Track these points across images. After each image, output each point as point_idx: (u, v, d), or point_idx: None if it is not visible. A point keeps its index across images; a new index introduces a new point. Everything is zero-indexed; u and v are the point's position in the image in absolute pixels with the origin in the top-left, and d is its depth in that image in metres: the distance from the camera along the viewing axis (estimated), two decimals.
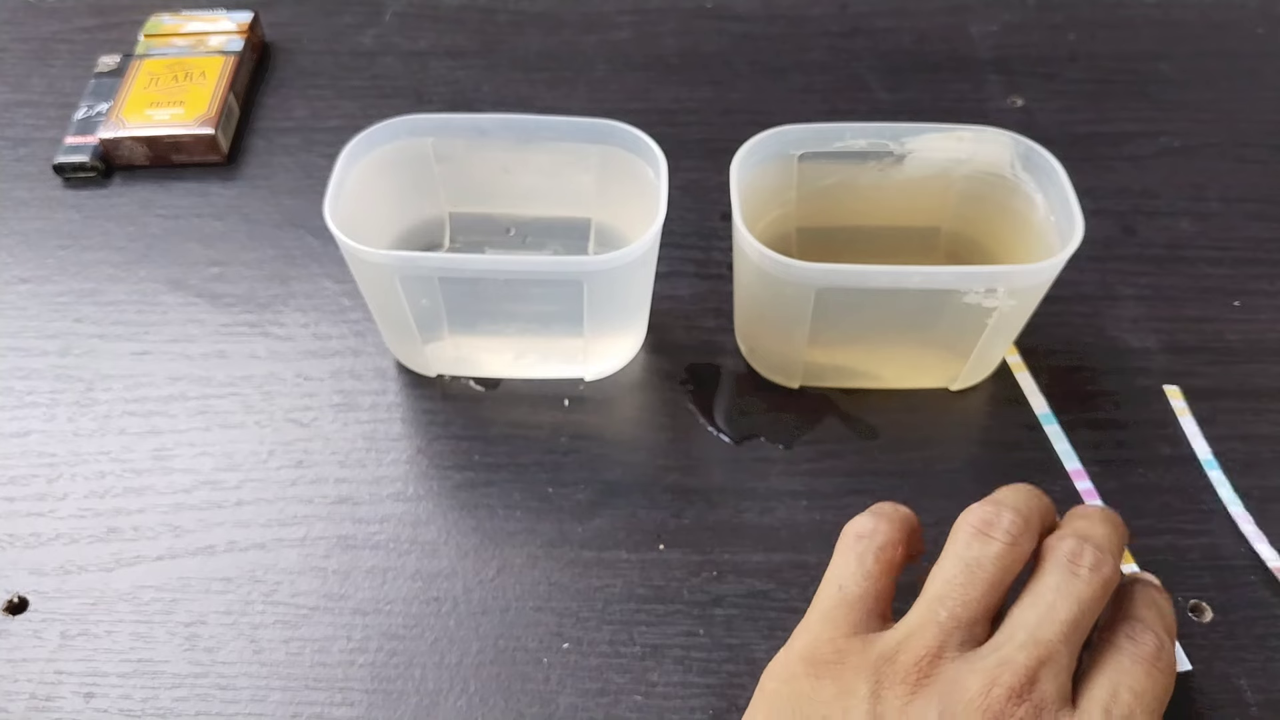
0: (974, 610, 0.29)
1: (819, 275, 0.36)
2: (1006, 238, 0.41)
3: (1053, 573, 0.30)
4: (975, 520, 0.31)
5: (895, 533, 0.32)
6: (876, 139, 0.40)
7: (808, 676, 0.29)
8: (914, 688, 0.28)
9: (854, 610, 0.30)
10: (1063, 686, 0.28)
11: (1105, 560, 0.30)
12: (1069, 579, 0.30)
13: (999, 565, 0.30)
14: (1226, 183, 0.49)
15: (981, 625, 0.29)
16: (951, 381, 0.41)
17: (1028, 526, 0.31)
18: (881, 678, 0.28)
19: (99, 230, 0.48)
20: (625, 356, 0.43)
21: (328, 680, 0.34)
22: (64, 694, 0.34)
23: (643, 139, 0.39)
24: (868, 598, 0.30)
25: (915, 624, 0.29)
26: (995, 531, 0.30)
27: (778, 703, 0.29)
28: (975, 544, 0.30)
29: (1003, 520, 0.31)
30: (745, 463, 0.40)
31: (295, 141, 0.51)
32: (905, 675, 0.28)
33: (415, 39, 0.57)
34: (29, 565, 0.37)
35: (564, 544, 0.38)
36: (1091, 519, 0.32)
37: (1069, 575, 0.30)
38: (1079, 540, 0.31)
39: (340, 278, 0.45)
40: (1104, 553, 0.30)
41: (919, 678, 0.28)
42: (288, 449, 0.40)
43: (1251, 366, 0.42)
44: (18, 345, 0.43)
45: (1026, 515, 0.31)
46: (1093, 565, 0.30)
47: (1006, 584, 0.30)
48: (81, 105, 0.51)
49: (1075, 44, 0.56)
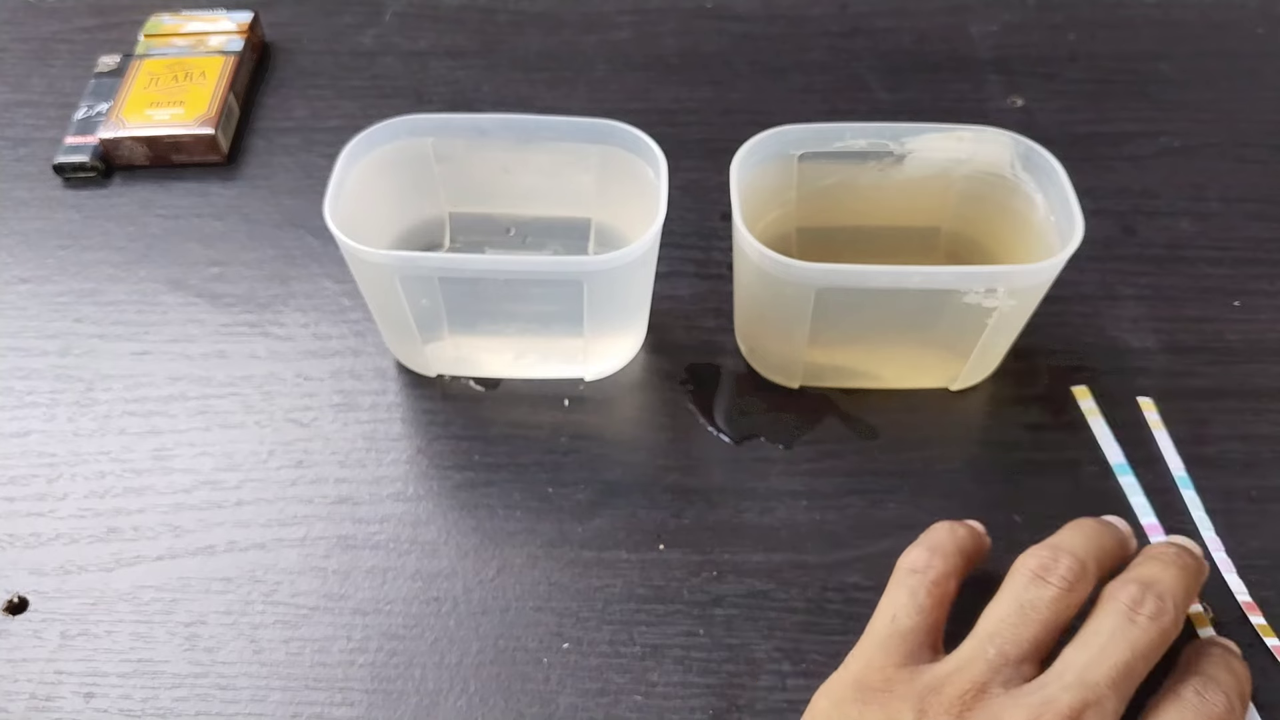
0: (1024, 649, 0.29)
1: (819, 275, 0.36)
2: (1006, 238, 0.41)
3: (1109, 617, 0.30)
4: (1033, 564, 0.31)
5: (948, 566, 0.32)
6: (876, 139, 0.40)
7: (856, 702, 0.29)
8: (957, 718, 0.28)
9: (906, 641, 0.31)
10: None
11: (1166, 610, 0.30)
12: (1125, 625, 0.30)
13: (1053, 609, 0.30)
14: (1226, 183, 0.49)
15: (1030, 664, 0.30)
16: (951, 381, 0.41)
17: (1084, 572, 0.31)
18: (926, 707, 0.28)
19: (99, 230, 0.48)
20: (625, 356, 0.43)
21: (328, 680, 0.34)
22: (64, 694, 0.34)
23: (643, 139, 0.39)
24: (919, 630, 0.31)
25: (964, 658, 0.30)
26: (1051, 576, 0.31)
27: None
28: (1032, 587, 0.31)
29: (1060, 566, 0.31)
30: (745, 463, 0.40)
31: (295, 141, 0.51)
32: (949, 707, 0.28)
33: (415, 39, 0.57)
34: (29, 565, 0.37)
35: (564, 544, 0.38)
36: (1163, 561, 0.32)
37: (1126, 621, 0.30)
38: (1141, 586, 0.30)
39: (340, 278, 0.45)
40: (1166, 600, 0.30)
41: (962, 710, 0.28)
42: (288, 449, 0.40)
43: (1251, 366, 0.42)
44: (18, 345, 0.43)
45: (1084, 560, 0.31)
46: (1153, 614, 0.30)
47: (1059, 627, 0.30)
48: (81, 105, 0.51)
49: (1075, 44, 0.56)
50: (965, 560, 0.33)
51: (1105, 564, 0.32)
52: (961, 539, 0.33)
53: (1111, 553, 0.33)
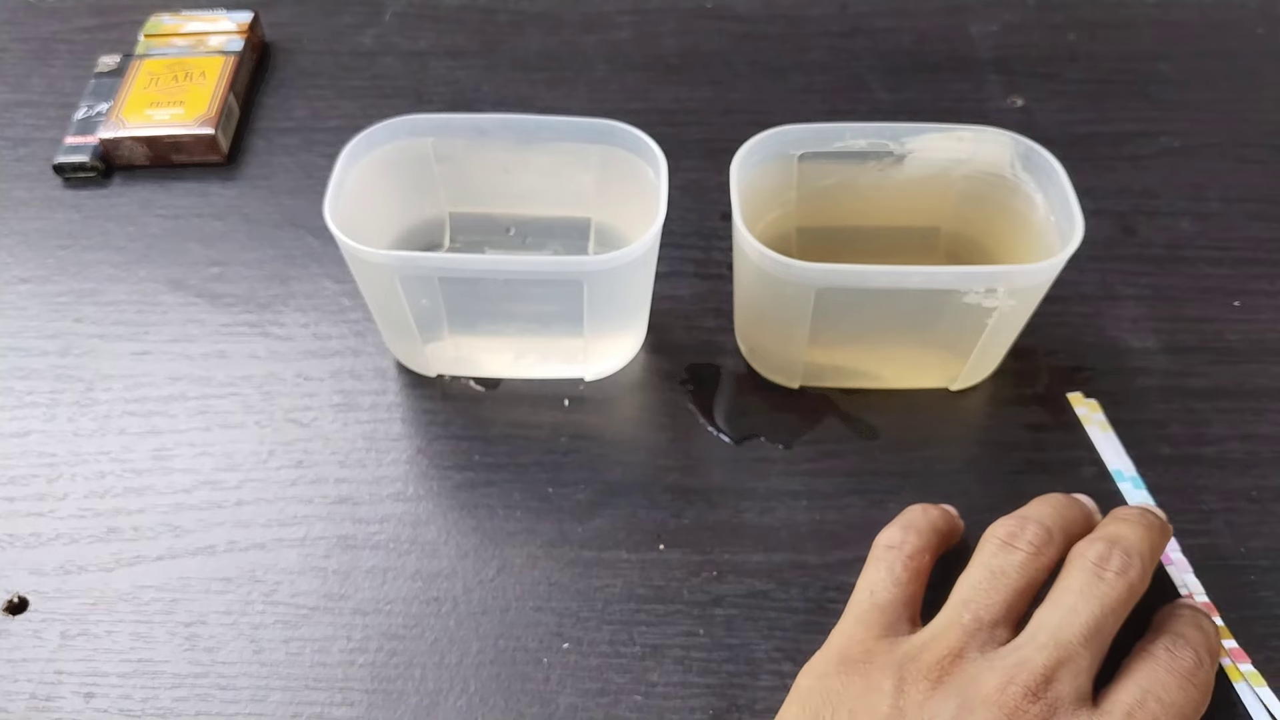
0: (996, 613, 0.30)
1: (819, 275, 0.36)
2: (1006, 238, 0.41)
3: (1077, 574, 0.31)
4: (1001, 532, 0.32)
5: (922, 541, 0.33)
6: (876, 139, 0.40)
7: (838, 674, 0.30)
8: (935, 684, 0.29)
9: (884, 614, 0.31)
10: (1081, 688, 0.29)
11: (1133, 564, 0.31)
12: (1093, 582, 0.30)
13: (1022, 573, 0.31)
14: (1226, 183, 0.49)
15: (1004, 628, 0.30)
16: (951, 381, 0.41)
17: (1051, 539, 0.32)
18: (905, 675, 0.29)
19: (99, 230, 0.48)
20: (625, 356, 0.43)
21: (328, 680, 0.34)
22: (64, 694, 0.34)
23: (643, 139, 0.39)
24: (897, 603, 0.32)
25: (940, 627, 0.31)
26: (1019, 542, 0.32)
27: (810, 697, 0.30)
28: (1001, 554, 0.32)
29: (1026, 532, 0.32)
30: (745, 463, 0.40)
31: (295, 141, 0.51)
32: (927, 672, 0.29)
33: (415, 39, 0.57)
34: (29, 565, 0.37)
35: (564, 544, 0.38)
36: (1129, 521, 0.33)
37: (1093, 578, 0.30)
38: (1108, 544, 0.31)
39: (340, 278, 0.45)
40: (1132, 556, 0.31)
41: (940, 675, 0.29)
42: (288, 449, 0.40)
43: (1251, 366, 0.42)
44: (18, 345, 0.43)
45: (1050, 528, 0.32)
46: (1119, 569, 0.31)
47: (1030, 591, 0.31)
48: (81, 105, 0.51)
49: (1075, 44, 0.56)
50: (939, 537, 0.34)
51: (1071, 532, 0.33)
52: (934, 518, 0.34)
53: (1077, 522, 0.34)
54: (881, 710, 0.29)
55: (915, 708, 0.28)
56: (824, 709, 0.29)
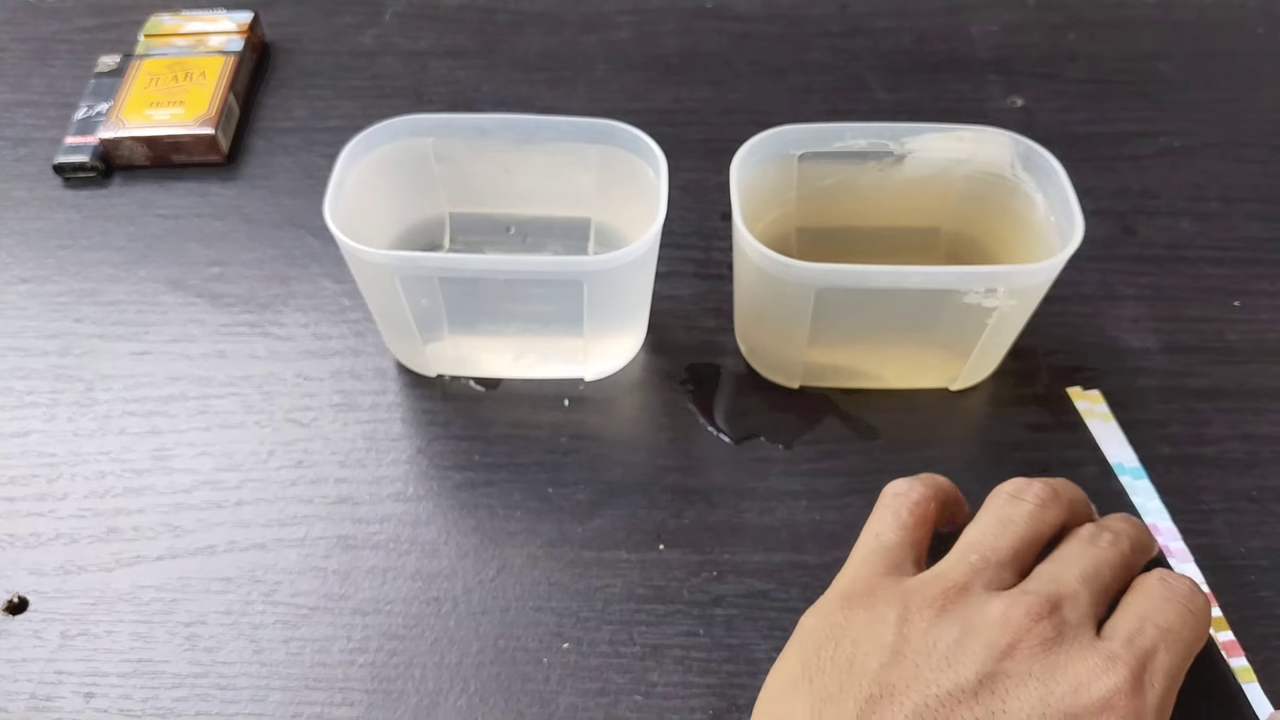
0: (1003, 556, 0.31)
1: (819, 275, 0.36)
2: (1006, 238, 0.41)
3: (1072, 544, 0.32)
4: (1009, 488, 0.33)
5: (929, 490, 0.34)
6: (876, 139, 0.40)
7: (841, 610, 0.30)
8: (939, 611, 0.29)
9: (890, 555, 0.32)
10: (1083, 619, 0.29)
11: (1123, 540, 0.32)
12: (1088, 546, 0.32)
13: (1029, 524, 0.32)
14: (1226, 183, 0.49)
15: (1010, 572, 0.31)
16: (951, 381, 0.41)
17: (1057, 496, 0.33)
18: (909, 604, 0.30)
19: (99, 230, 0.48)
20: (625, 356, 0.43)
21: (328, 680, 0.34)
22: (64, 694, 0.34)
23: (643, 139, 0.39)
24: (903, 545, 0.32)
25: (947, 564, 0.31)
26: (1026, 495, 0.33)
27: (813, 635, 0.30)
28: (1009, 505, 0.32)
29: (1033, 487, 0.33)
30: (745, 463, 0.40)
31: (295, 141, 0.51)
32: (932, 601, 0.29)
33: (415, 39, 0.57)
34: (29, 565, 0.37)
35: (564, 544, 0.38)
36: (1123, 521, 0.34)
37: (1088, 544, 0.32)
38: (1099, 526, 0.33)
39: (340, 278, 0.45)
40: (1121, 536, 0.32)
41: (944, 603, 0.29)
42: (288, 449, 0.40)
43: (1251, 366, 0.42)
44: (18, 345, 0.43)
45: (1056, 489, 0.33)
46: (1111, 541, 0.32)
47: (1036, 544, 0.32)
48: (81, 105, 0.51)
49: (1075, 44, 0.56)
50: (945, 494, 0.34)
51: (1074, 507, 0.34)
52: (942, 479, 0.35)
53: (1079, 501, 0.34)
54: (885, 639, 0.29)
55: (919, 634, 0.29)
56: (826, 643, 0.29)
